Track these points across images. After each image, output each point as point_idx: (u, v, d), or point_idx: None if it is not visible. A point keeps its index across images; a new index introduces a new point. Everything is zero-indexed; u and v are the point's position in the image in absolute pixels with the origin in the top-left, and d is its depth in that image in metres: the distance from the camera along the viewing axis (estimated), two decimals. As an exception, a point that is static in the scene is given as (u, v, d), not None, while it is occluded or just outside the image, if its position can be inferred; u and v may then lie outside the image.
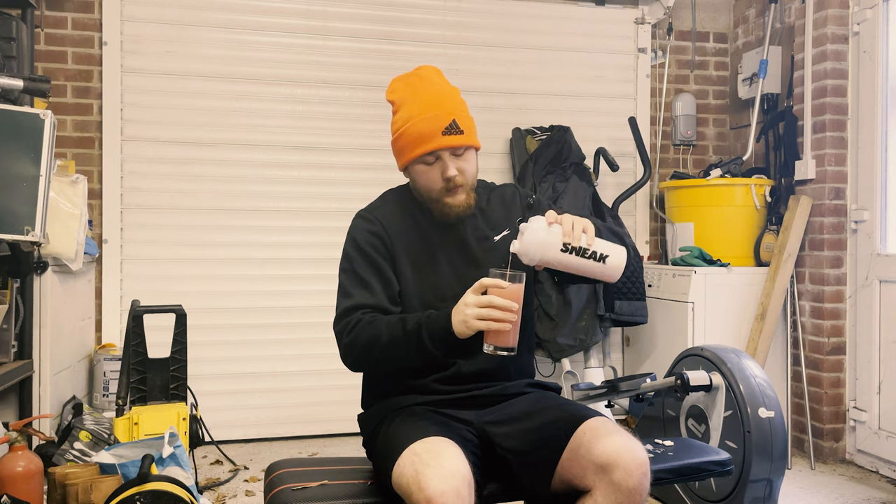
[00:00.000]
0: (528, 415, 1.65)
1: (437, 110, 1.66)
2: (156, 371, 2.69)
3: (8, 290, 2.69)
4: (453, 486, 1.36)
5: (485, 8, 4.04)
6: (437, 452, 1.43)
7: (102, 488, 2.11)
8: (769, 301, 3.50)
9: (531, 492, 1.60)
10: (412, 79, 1.75)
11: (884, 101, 3.31)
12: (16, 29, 2.62)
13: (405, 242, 1.74)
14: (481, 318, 1.46)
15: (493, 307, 1.46)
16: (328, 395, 3.77)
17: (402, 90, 1.73)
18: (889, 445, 3.21)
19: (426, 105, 1.68)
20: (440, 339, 1.53)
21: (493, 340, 1.50)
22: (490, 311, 1.46)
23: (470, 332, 1.48)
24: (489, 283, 1.48)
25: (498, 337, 1.49)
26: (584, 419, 1.57)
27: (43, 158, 2.14)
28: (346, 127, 3.86)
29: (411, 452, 1.45)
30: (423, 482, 1.36)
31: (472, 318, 1.47)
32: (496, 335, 1.49)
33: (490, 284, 1.48)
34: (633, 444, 1.48)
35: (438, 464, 1.39)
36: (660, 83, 4.29)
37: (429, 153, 1.65)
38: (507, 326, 1.47)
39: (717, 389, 2.53)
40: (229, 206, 3.73)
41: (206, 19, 3.71)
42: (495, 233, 1.79)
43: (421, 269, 1.72)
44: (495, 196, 1.85)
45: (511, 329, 1.48)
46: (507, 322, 1.46)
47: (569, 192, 3.69)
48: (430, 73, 1.77)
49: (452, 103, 1.70)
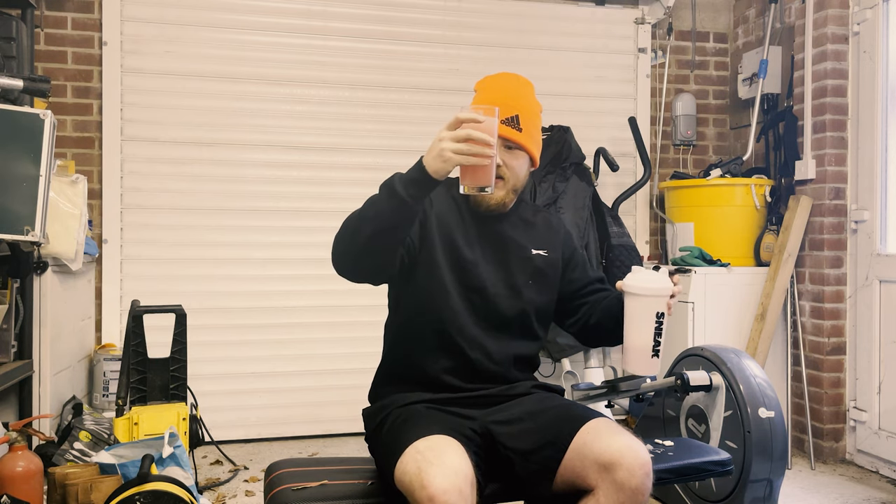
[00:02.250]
0: (532, 415, 1.65)
1: (506, 102, 1.68)
2: (156, 371, 2.69)
3: (8, 290, 2.69)
4: (455, 484, 1.37)
5: (485, 8, 4.04)
6: (440, 450, 1.43)
7: (102, 488, 2.11)
8: (769, 301, 3.50)
9: (533, 492, 1.61)
10: (503, 75, 1.79)
11: (884, 101, 3.31)
12: (16, 29, 2.62)
13: (443, 219, 1.73)
14: (459, 153, 1.39)
15: (471, 141, 1.39)
16: (328, 395, 3.77)
17: (488, 81, 1.77)
18: (889, 445, 3.21)
19: (498, 95, 1.70)
20: (412, 182, 1.44)
21: (471, 179, 1.45)
22: (469, 146, 1.39)
23: (447, 166, 1.41)
24: (465, 117, 1.40)
25: (476, 174, 1.44)
26: (586, 419, 1.58)
27: (43, 158, 2.14)
28: (346, 127, 3.86)
29: (414, 450, 1.46)
30: (426, 480, 1.37)
31: (449, 152, 1.39)
32: (474, 172, 1.44)
33: (466, 118, 1.40)
34: (636, 444, 1.49)
35: (441, 462, 1.40)
36: (660, 83, 4.29)
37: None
38: (485, 161, 1.41)
39: (717, 389, 2.53)
40: (229, 206, 3.73)
41: (206, 19, 3.71)
42: (533, 247, 1.80)
43: (452, 250, 1.72)
44: (543, 217, 1.90)
45: (489, 165, 1.43)
46: (486, 157, 1.40)
47: (569, 192, 3.69)
48: (521, 79, 1.80)
49: (524, 104, 1.72)
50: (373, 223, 1.48)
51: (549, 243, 1.83)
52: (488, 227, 1.77)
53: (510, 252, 1.76)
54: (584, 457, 1.51)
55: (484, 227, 1.76)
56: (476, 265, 1.71)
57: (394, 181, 1.46)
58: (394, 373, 1.79)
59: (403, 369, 1.76)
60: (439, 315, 1.70)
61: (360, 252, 1.52)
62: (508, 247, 1.77)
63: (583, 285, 1.86)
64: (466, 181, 1.46)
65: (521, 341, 1.78)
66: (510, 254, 1.76)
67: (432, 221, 1.71)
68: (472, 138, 1.39)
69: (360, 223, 1.49)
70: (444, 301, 1.69)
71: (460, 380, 1.71)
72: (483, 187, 1.46)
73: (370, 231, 1.48)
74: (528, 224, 1.83)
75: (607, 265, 3.68)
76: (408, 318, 1.76)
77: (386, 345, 1.85)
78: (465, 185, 1.47)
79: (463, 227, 1.74)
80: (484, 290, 1.71)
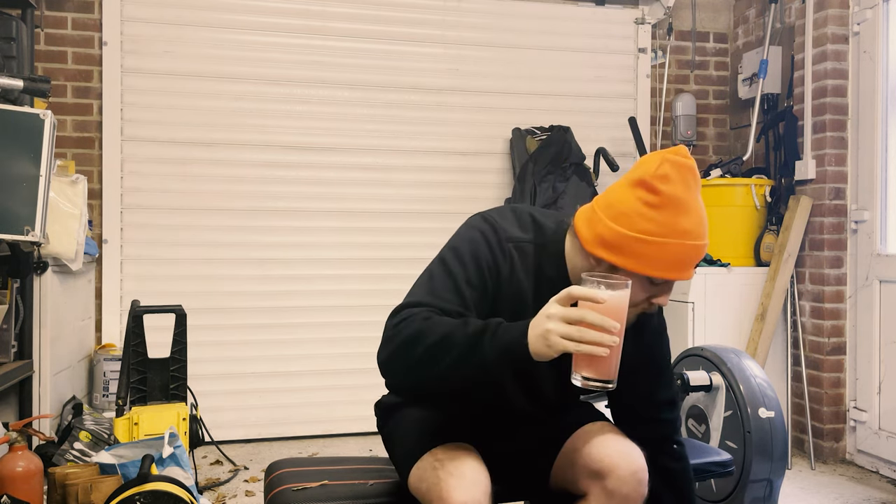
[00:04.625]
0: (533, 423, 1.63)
1: (704, 239, 1.33)
2: (156, 371, 2.69)
3: (8, 290, 2.69)
4: (475, 496, 1.34)
5: (485, 8, 4.04)
6: (460, 461, 1.39)
7: (102, 488, 2.11)
8: (769, 301, 3.50)
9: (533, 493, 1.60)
10: (688, 176, 1.32)
11: (884, 101, 3.31)
12: (16, 29, 2.62)
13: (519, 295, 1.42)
14: (569, 338, 1.15)
15: (584, 324, 1.15)
16: (328, 395, 3.77)
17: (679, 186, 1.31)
18: (889, 445, 3.21)
19: (698, 226, 1.32)
20: (507, 351, 1.20)
21: (585, 369, 1.18)
22: (582, 332, 1.14)
23: (552, 353, 1.17)
24: (581, 294, 1.16)
25: (592, 365, 1.17)
26: (580, 423, 1.55)
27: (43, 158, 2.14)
28: (346, 127, 3.86)
29: (433, 457, 1.43)
30: (445, 492, 1.34)
31: (557, 337, 1.15)
32: (590, 362, 1.17)
33: (582, 296, 1.16)
34: (630, 449, 1.43)
35: (461, 473, 1.36)
36: (660, 83, 4.29)
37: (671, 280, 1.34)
38: (602, 352, 1.14)
39: (718, 389, 2.53)
40: (229, 206, 3.73)
41: (205, 19, 3.71)
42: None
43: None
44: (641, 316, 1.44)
45: (609, 355, 1.15)
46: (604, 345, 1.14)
47: (569, 192, 3.69)
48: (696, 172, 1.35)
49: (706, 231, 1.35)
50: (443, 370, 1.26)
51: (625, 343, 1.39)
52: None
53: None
54: (574, 463, 1.47)
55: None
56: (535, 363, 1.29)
57: (485, 338, 1.22)
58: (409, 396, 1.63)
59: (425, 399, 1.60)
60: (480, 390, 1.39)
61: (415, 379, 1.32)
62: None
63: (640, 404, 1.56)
64: (580, 371, 1.19)
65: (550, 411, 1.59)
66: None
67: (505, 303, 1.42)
68: (587, 322, 1.14)
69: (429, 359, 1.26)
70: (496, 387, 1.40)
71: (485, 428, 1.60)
72: (602, 381, 1.18)
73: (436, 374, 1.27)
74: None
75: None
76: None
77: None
78: (578, 376, 1.19)
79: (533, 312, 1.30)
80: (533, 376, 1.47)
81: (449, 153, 3.92)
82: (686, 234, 1.30)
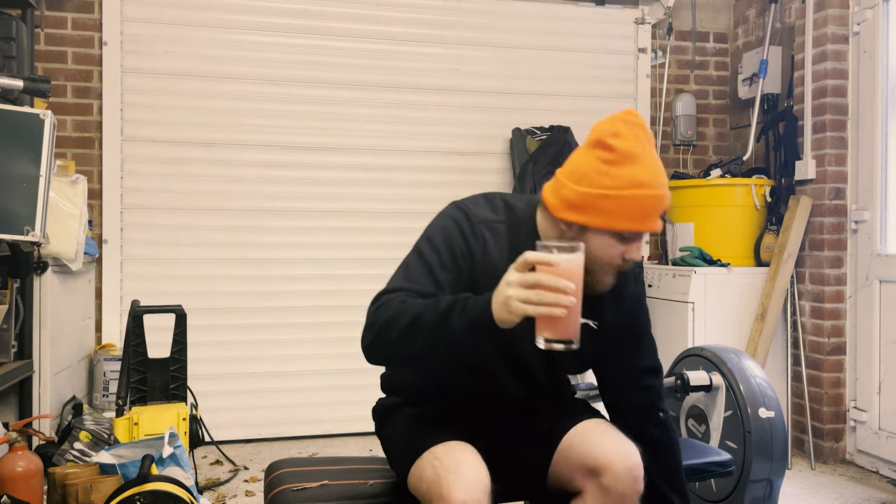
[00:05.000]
0: (529, 416, 1.64)
1: (662, 189, 1.38)
2: (156, 371, 2.69)
3: (8, 290, 2.69)
4: (475, 495, 1.34)
5: (484, 8, 4.04)
6: (459, 460, 1.40)
7: (102, 488, 2.11)
8: (769, 301, 3.50)
9: (532, 492, 1.60)
10: (639, 132, 1.39)
11: (884, 101, 3.31)
12: (16, 29, 2.62)
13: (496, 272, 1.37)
14: (527, 302, 1.19)
15: (542, 287, 1.19)
16: (328, 395, 3.77)
17: (631, 141, 1.37)
18: (889, 445, 3.21)
19: (654, 176, 1.37)
20: (475, 323, 1.25)
21: (546, 331, 1.22)
22: (539, 294, 1.18)
23: (514, 318, 1.21)
24: (535, 259, 1.20)
25: (552, 326, 1.21)
26: (576, 420, 1.55)
27: (43, 158, 2.14)
28: (345, 127, 3.86)
29: (432, 456, 1.43)
30: (445, 490, 1.34)
31: (517, 302, 1.19)
32: (549, 323, 1.21)
33: (537, 260, 1.20)
34: (625, 446, 1.44)
35: (461, 471, 1.37)
36: (660, 83, 4.29)
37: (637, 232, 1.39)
38: (559, 312, 1.18)
39: (717, 389, 2.53)
40: (229, 206, 3.73)
41: (205, 19, 3.71)
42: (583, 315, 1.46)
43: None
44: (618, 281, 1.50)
45: (568, 315, 1.19)
46: (560, 306, 1.18)
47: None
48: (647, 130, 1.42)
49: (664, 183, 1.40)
50: (419, 347, 1.32)
51: (604, 313, 1.53)
52: None
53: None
54: (570, 459, 1.48)
55: None
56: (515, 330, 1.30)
57: (453, 313, 1.27)
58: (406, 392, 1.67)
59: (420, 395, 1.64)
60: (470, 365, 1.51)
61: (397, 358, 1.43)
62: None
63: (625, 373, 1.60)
64: (543, 333, 1.23)
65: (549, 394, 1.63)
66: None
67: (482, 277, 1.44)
68: (544, 284, 1.19)
69: (406, 338, 1.32)
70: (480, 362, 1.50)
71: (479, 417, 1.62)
72: (563, 341, 1.22)
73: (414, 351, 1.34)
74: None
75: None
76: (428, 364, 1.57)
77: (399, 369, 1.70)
78: (541, 338, 1.23)
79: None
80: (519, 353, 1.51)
81: (449, 153, 3.92)
82: (642, 184, 1.35)
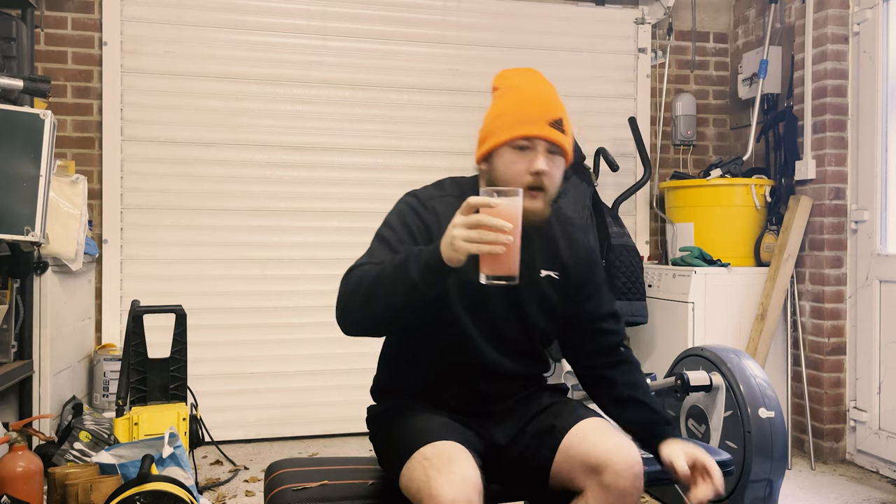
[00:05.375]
0: (529, 417, 1.65)
1: (549, 103, 1.55)
2: (156, 371, 2.69)
3: (8, 290, 2.69)
4: (464, 493, 1.34)
5: (485, 8, 4.04)
6: (448, 458, 1.41)
7: (102, 488, 2.11)
8: (769, 301, 3.50)
9: (532, 492, 1.61)
10: (527, 71, 1.64)
11: (884, 101, 3.31)
12: (16, 29, 2.62)
13: None
14: (469, 240, 1.30)
15: (482, 227, 1.30)
16: (328, 395, 3.77)
17: (515, 77, 1.63)
18: (889, 446, 3.21)
19: (539, 93, 1.57)
20: (427, 266, 1.36)
21: (487, 268, 1.34)
22: (480, 233, 1.29)
23: (459, 256, 1.31)
24: (476, 202, 1.32)
25: (493, 263, 1.34)
26: (577, 420, 1.57)
27: (43, 158, 2.14)
28: (346, 127, 3.86)
29: (422, 456, 1.43)
30: (434, 489, 1.34)
31: (461, 241, 1.30)
32: (490, 261, 1.33)
33: (477, 203, 1.32)
34: (625, 444, 1.47)
35: (450, 470, 1.37)
36: (660, 83, 4.29)
37: (527, 138, 1.52)
38: (498, 249, 1.30)
39: (718, 389, 2.53)
40: (229, 206, 3.73)
41: (206, 19, 3.71)
42: (543, 267, 1.65)
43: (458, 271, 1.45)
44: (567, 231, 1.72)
45: (507, 253, 1.32)
46: (499, 244, 1.30)
47: (569, 192, 3.69)
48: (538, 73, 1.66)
49: (559, 103, 1.58)
50: (383, 301, 1.42)
51: (562, 265, 1.67)
52: None
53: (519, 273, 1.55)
54: (572, 458, 1.50)
55: None
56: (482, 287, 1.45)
57: (409, 262, 1.38)
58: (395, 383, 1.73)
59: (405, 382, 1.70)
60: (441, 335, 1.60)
61: (367, 320, 1.48)
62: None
63: (588, 320, 1.71)
64: (484, 270, 1.35)
65: (528, 362, 1.70)
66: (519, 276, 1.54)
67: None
68: (483, 225, 1.29)
69: (370, 296, 1.43)
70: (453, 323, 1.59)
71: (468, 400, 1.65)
72: (504, 278, 1.34)
73: (380, 307, 1.43)
74: (545, 238, 1.67)
75: (607, 265, 3.68)
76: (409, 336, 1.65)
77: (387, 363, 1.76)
78: (484, 275, 1.35)
79: None
80: (490, 315, 1.60)
81: (449, 153, 3.92)
82: (523, 98, 1.56)
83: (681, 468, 1.51)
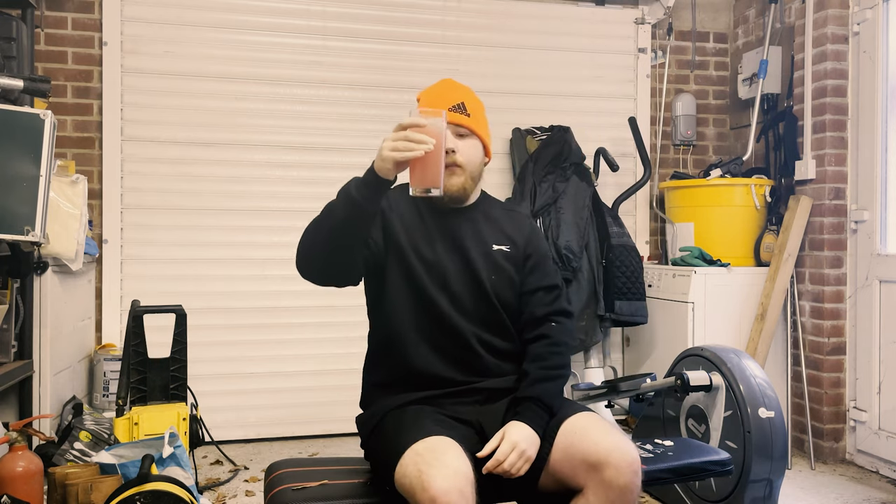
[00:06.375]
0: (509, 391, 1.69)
1: (452, 91, 1.78)
2: (156, 371, 2.69)
3: (8, 290, 2.69)
4: (456, 484, 1.37)
5: (485, 8, 4.04)
6: (439, 452, 1.44)
7: (102, 488, 2.11)
8: (769, 301, 3.50)
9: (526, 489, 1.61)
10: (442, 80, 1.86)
11: (884, 101, 3.31)
12: (16, 29, 2.62)
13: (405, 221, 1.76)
14: (395, 150, 1.48)
15: (408, 140, 1.48)
16: (328, 395, 3.77)
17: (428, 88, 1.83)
18: (889, 446, 3.21)
19: (444, 87, 1.81)
20: (363, 183, 1.55)
21: (417, 180, 1.52)
22: (405, 144, 1.48)
23: (387, 165, 1.50)
24: (406, 122, 1.51)
25: (420, 175, 1.52)
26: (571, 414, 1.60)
27: (43, 158, 2.14)
28: (346, 127, 3.86)
29: (413, 452, 1.46)
30: (427, 482, 1.37)
31: (387, 151, 1.49)
32: (421, 173, 1.51)
33: (406, 123, 1.51)
34: (624, 442, 1.50)
35: (441, 463, 1.40)
36: (660, 83, 4.29)
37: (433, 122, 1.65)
38: (419, 152, 1.47)
39: (717, 389, 2.53)
40: (229, 206, 3.73)
41: (206, 19, 3.71)
42: (494, 242, 1.80)
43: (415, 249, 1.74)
44: (507, 213, 1.89)
45: (430, 166, 1.51)
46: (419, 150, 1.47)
47: (569, 192, 3.69)
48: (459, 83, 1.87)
49: (464, 94, 1.79)
50: (330, 224, 1.58)
51: (511, 239, 1.83)
52: (447, 223, 1.78)
53: (470, 248, 1.77)
54: (572, 457, 1.52)
55: (443, 224, 1.78)
56: (438, 262, 1.73)
57: (349, 185, 1.56)
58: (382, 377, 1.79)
59: (391, 372, 1.76)
60: (416, 313, 1.72)
61: (320, 254, 1.62)
62: (467, 243, 1.77)
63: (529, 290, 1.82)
64: (414, 182, 1.53)
65: (494, 335, 1.76)
66: (470, 249, 1.76)
67: (395, 225, 1.74)
68: (409, 138, 1.48)
69: (320, 226, 1.60)
70: (419, 299, 1.72)
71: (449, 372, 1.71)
72: (429, 188, 1.52)
73: (327, 232, 1.58)
74: (489, 219, 1.83)
75: (607, 265, 3.68)
76: (388, 322, 1.77)
77: (371, 352, 1.87)
78: (413, 187, 1.53)
79: (423, 227, 1.76)
80: (449, 287, 1.73)
81: (449, 153, 3.91)
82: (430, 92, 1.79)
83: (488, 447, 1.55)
